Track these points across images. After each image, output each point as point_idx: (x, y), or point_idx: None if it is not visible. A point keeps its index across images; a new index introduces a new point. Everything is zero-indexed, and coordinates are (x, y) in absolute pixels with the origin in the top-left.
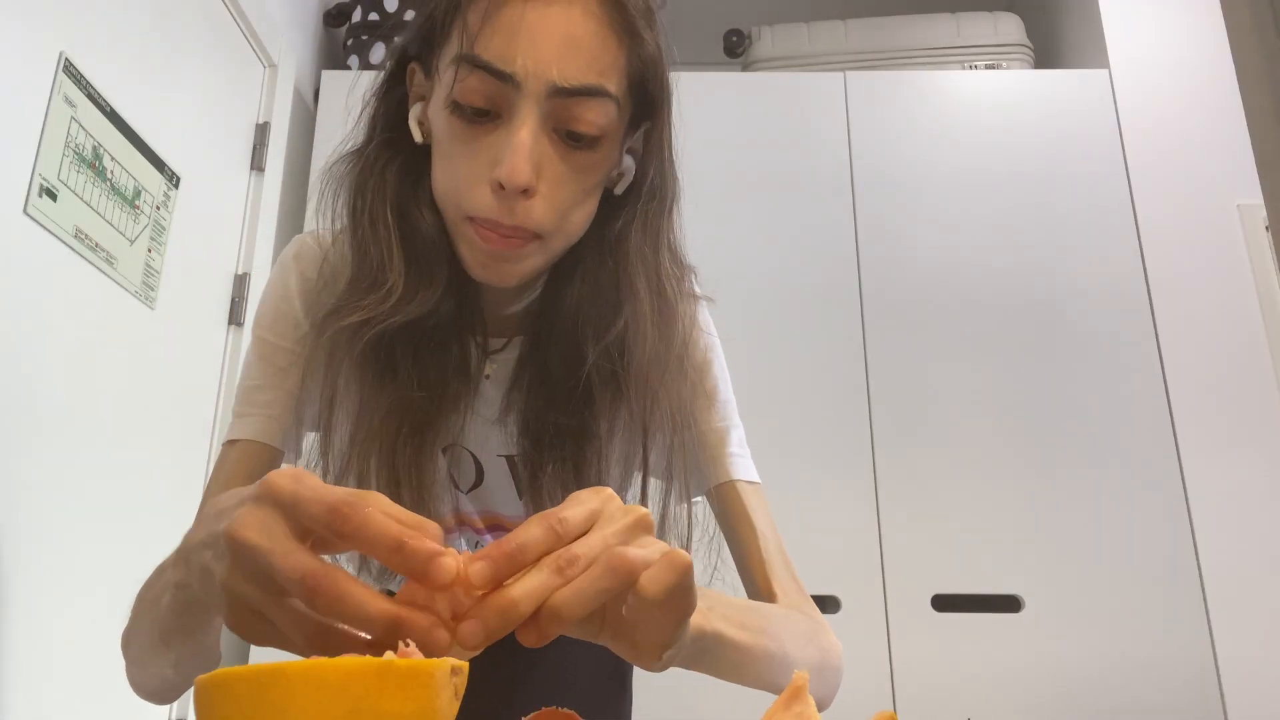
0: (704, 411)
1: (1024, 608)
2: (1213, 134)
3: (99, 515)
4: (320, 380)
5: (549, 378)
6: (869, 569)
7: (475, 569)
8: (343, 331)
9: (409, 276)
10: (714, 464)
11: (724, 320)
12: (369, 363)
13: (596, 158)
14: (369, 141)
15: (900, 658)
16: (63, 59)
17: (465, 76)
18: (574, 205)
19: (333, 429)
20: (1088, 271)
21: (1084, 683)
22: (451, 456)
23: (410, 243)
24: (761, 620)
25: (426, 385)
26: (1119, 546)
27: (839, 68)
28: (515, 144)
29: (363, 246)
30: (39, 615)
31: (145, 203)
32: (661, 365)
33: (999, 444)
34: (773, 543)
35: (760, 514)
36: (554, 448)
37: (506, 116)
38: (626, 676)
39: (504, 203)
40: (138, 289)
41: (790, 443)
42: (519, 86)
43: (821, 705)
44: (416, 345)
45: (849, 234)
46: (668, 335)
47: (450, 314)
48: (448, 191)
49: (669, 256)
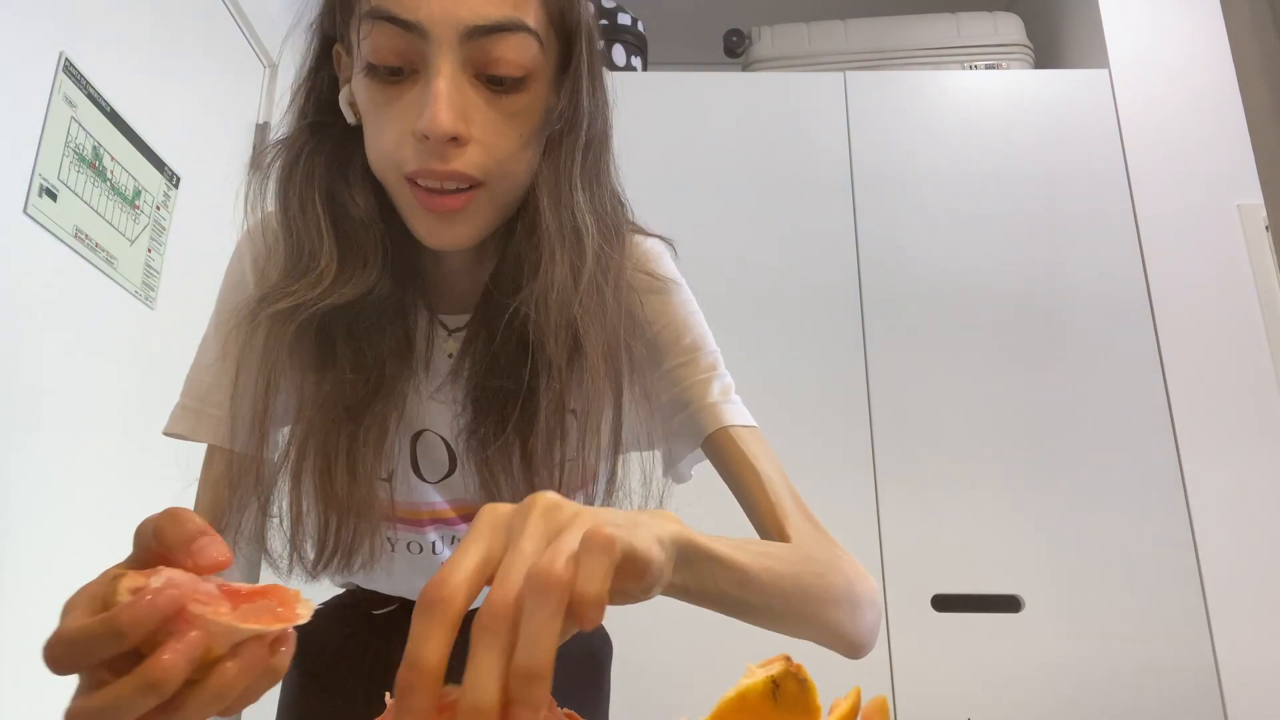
0: (678, 368)
1: (1024, 608)
2: (1213, 134)
3: (98, 515)
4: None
5: (490, 343)
6: (869, 569)
7: (401, 707)
8: (275, 318)
9: (341, 259)
10: (695, 418)
11: (724, 320)
12: (303, 350)
13: (526, 100)
14: (294, 129)
15: (900, 658)
16: (63, 59)
17: (370, 33)
18: (512, 152)
19: (269, 421)
20: (1088, 271)
21: (1084, 683)
22: (422, 444)
23: (341, 225)
24: (761, 547)
25: (362, 368)
26: (1119, 546)
27: (839, 68)
28: (434, 92)
29: (294, 233)
30: (38, 615)
31: (145, 203)
32: (573, 303)
33: (999, 444)
34: (779, 484)
35: (762, 457)
36: (495, 414)
37: (422, 70)
38: (604, 665)
39: (433, 151)
40: (138, 289)
41: (790, 442)
42: (427, 35)
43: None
44: (352, 328)
45: (849, 234)
46: (579, 271)
47: (389, 295)
48: (379, 157)
49: (585, 194)
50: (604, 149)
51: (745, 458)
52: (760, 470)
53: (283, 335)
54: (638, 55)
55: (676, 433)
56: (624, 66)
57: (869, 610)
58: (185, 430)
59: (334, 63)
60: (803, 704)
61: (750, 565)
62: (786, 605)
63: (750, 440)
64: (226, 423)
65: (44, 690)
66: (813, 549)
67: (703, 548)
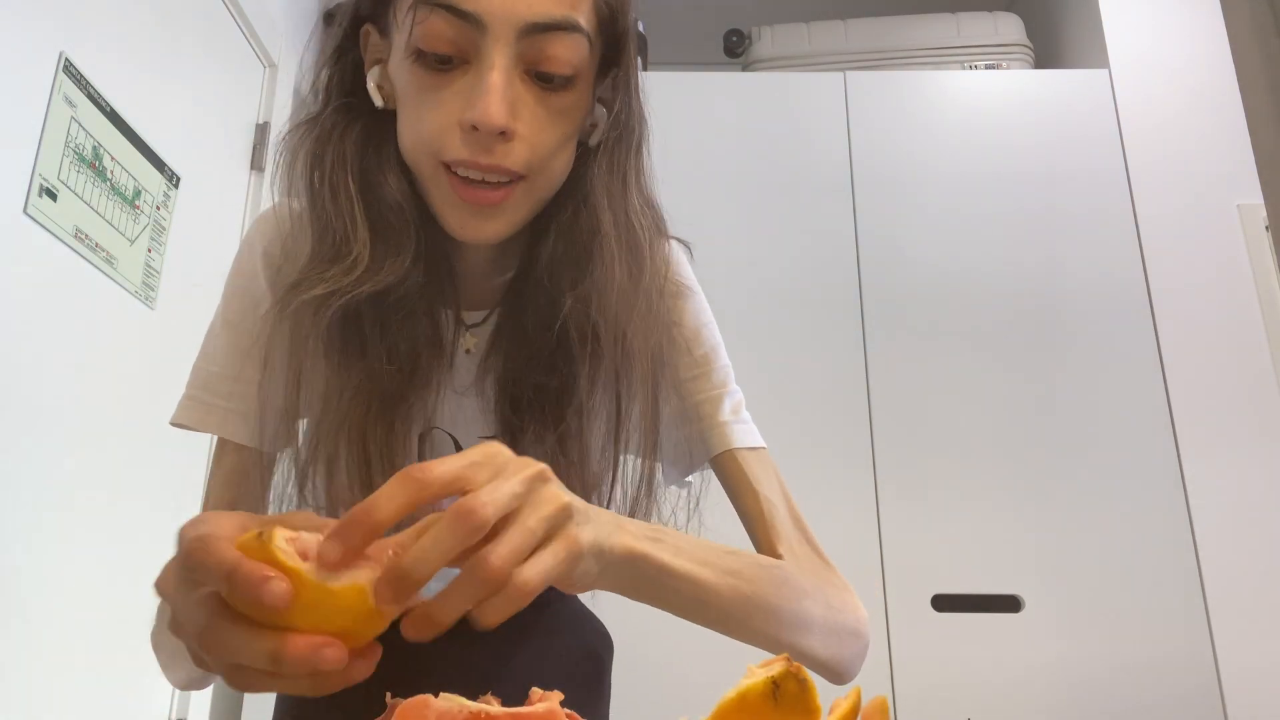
0: (691, 381)
1: (1024, 608)
2: (1213, 134)
3: (98, 515)
4: (285, 360)
5: (526, 339)
6: (869, 569)
7: (322, 549)
8: (306, 306)
9: (375, 246)
10: (705, 437)
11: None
12: (335, 338)
13: (572, 99)
14: (324, 108)
15: (900, 658)
16: (63, 59)
17: (425, 18)
18: (554, 150)
19: (300, 411)
20: (1088, 271)
21: (1084, 683)
22: (429, 443)
23: (374, 210)
24: (737, 563)
25: (397, 359)
26: (1119, 546)
27: (839, 68)
28: (488, 84)
29: (324, 217)
30: (38, 615)
31: (145, 203)
32: (632, 307)
33: (999, 443)
34: (780, 506)
35: (765, 479)
36: (533, 409)
37: (474, 61)
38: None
39: (479, 143)
40: (138, 289)
41: (790, 443)
42: (485, 27)
43: (838, 670)
44: (385, 318)
45: (849, 234)
46: (638, 276)
47: (420, 284)
48: (417, 142)
49: (638, 197)
50: (646, 153)
51: (748, 481)
52: (761, 494)
53: (316, 323)
54: (638, 55)
55: (685, 446)
56: None
57: (850, 640)
58: (192, 421)
59: (361, 42)
60: (803, 704)
61: (715, 584)
62: (747, 623)
63: (755, 463)
64: (238, 415)
65: (46, 689)
66: (796, 574)
67: (652, 560)
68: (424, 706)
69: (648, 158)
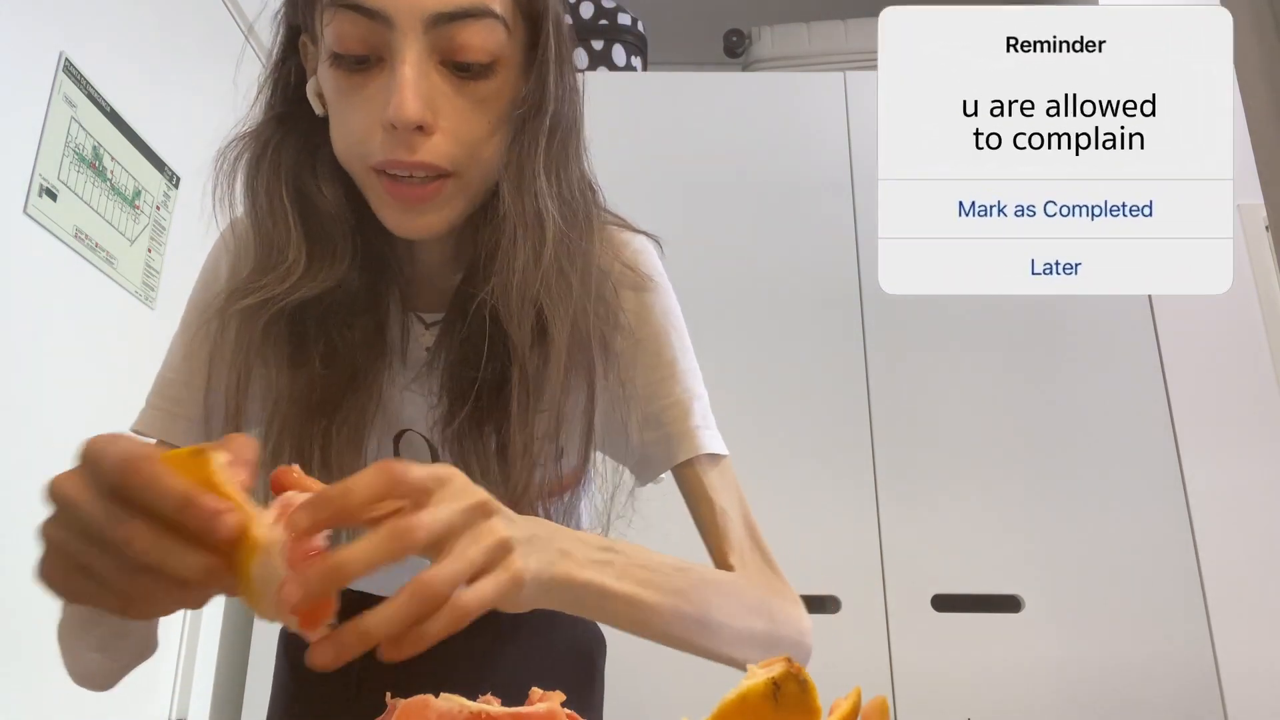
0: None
1: (1024, 608)
2: None
3: None
4: (228, 367)
5: (466, 333)
6: (869, 569)
7: (294, 516)
8: (242, 313)
9: (310, 252)
10: (668, 443)
11: (724, 320)
12: (274, 345)
13: (494, 86)
14: (260, 121)
15: (900, 658)
16: (63, 59)
17: (334, 21)
18: (480, 140)
19: (243, 418)
20: None
21: (1084, 683)
22: (405, 445)
23: (308, 218)
24: (683, 582)
25: (333, 363)
26: (1119, 546)
27: (839, 68)
28: (399, 81)
29: (263, 228)
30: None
31: (145, 203)
32: (565, 293)
33: (999, 443)
34: (734, 518)
35: (721, 490)
36: (468, 404)
37: (388, 58)
38: (597, 663)
39: (400, 141)
40: (138, 289)
41: (790, 443)
42: (391, 22)
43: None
44: (324, 323)
45: (849, 234)
46: (559, 260)
47: (360, 288)
48: (345, 147)
49: (564, 178)
50: (572, 134)
51: (705, 490)
52: (717, 505)
53: (253, 331)
54: (638, 55)
55: (647, 450)
56: (624, 66)
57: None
58: (148, 429)
59: (300, 54)
60: (803, 705)
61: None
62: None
63: (714, 473)
64: (184, 420)
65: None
66: (742, 588)
67: (592, 587)
68: (424, 707)
69: (575, 138)
